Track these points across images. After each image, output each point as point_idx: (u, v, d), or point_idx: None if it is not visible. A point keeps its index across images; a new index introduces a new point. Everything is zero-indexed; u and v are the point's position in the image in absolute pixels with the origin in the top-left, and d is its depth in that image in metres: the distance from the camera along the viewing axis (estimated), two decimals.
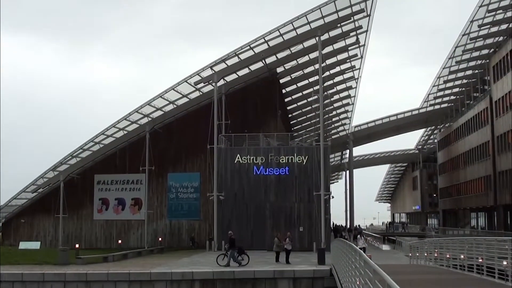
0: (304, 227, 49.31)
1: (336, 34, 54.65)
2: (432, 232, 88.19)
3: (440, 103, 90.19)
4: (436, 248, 34.49)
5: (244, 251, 34.19)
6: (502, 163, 65.27)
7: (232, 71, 55.78)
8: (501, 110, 65.47)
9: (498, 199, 67.26)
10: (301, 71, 62.69)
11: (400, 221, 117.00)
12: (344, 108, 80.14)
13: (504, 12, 59.80)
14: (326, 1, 49.44)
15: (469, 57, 71.34)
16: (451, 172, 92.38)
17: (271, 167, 50.50)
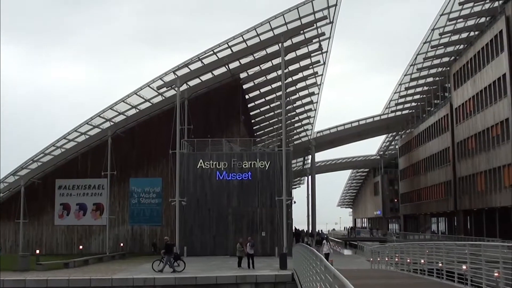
0: (266, 232, 49.43)
1: (299, 40, 54.96)
2: (393, 237, 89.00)
3: (401, 110, 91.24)
4: (397, 253, 34.84)
5: (180, 257, 34.12)
6: (462, 169, 66.25)
7: (195, 76, 55.71)
8: (461, 117, 66.50)
9: (458, 205, 68.22)
10: (264, 77, 62.89)
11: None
12: (307, 114, 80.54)
13: (464, 21, 60.88)
14: (289, 8, 49.74)
15: (430, 64, 72.36)
16: (412, 177, 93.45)
17: (233, 172, 50.53)
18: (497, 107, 54.90)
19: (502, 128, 53.79)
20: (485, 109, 57.93)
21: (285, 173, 47.18)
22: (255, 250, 36.70)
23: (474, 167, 61.96)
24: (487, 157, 57.99)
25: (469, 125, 63.46)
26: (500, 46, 53.49)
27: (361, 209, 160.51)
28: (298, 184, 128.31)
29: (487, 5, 58.36)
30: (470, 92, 62.38)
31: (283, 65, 49.58)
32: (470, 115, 62.86)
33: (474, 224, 64.88)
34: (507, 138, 52.71)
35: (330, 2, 50.28)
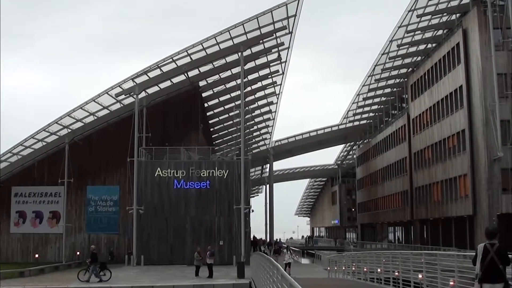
0: (224, 241, 49.27)
1: (258, 50, 55.16)
2: (350, 246, 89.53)
3: (359, 120, 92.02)
4: (354, 262, 35.02)
5: (106, 266, 33.67)
6: (419, 179, 67.03)
7: (154, 83, 55.46)
8: (418, 127, 67.34)
9: (415, 214, 68.99)
10: (223, 85, 62.88)
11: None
12: (265, 123, 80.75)
13: (422, 33, 61.74)
14: (249, 18, 49.85)
15: (388, 75, 73.15)
16: (369, 187, 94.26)
17: (191, 180, 50.28)
18: (453, 118, 55.73)
19: (459, 139, 54.61)
20: (442, 120, 58.75)
21: (243, 182, 47.27)
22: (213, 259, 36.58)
23: (431, 177, 62.75)
24: (443, 167, 58.78)
25: (426, 135, 64.29)
26: (457, 58, 54.36)
27: (318, 218, 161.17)
28: (256, 192, 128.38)
29: (444, 18, 59.30)
30: (427, 103, 63.23)
31: (242, 74, 49.75)
32: (427, 125, 63.69)
33: (431, 233, 65.64)
34: (463, 149, 53.51)
35: (289, 13, 50.53)
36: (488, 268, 11.42)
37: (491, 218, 47.90)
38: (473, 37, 51.20)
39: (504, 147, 47.21)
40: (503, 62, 47.93)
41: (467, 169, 52.54)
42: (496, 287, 11.40)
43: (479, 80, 49.79)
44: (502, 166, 47.93)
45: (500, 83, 48.15)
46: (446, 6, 56.66)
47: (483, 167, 49.33)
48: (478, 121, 50.44)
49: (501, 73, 48.30)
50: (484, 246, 11.55)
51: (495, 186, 48.22)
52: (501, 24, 47.26)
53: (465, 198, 53.01)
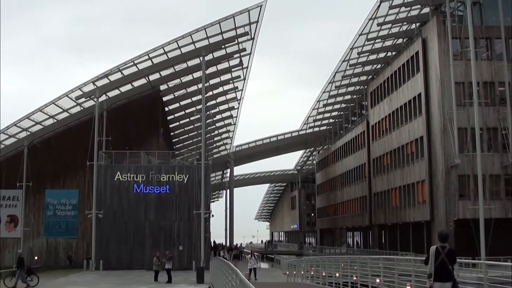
0: (184, 245, 49.15)
1: (220, 55, 55.28)
2: (309, 251, 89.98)
3: (319, 126, 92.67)
4: (312, 266, 35.26)
5: (33, 272, 33.10)
6: (378, 184, 67.72)
7: (114, 86, 55.17)
8: (377, 134, 68.06)
9: (373, 219, 69.66)
10: (185, 89, 62.80)
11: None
12: (226, 128, 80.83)
13: (382, 41, 62.54)
14: (211, 22, 49.95)
15: (348, 82, 73.85)
16: (328, 192, 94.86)
17: (151, 185, 50.04)
18: (412, 126, 56.47)
19: (417, 146, 55.35)
20: (401, 127, 59.48)
21: (203, 187, 47.22)
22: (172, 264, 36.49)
23: (389, 183, 63.46)
24: (401, 174, 59.50)
25: (384, 142, 65.01)
26: (416, 67, 55.13)
27: (278, 222, 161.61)
28: (217, 197, 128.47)
29: (404, 27, 60.15)
30: (386, 110, 63.96)
31: (204, 78, 49.74)
32: (386, 132, 64.41)
33: (389, 238, 66.34)
34: (421, 156, 54.25)
35: (251, 19, 50.79)
36: (439, 268, 12.72)
37: (448, 223, 48.65)
38: (432, 46, 52.01)
39: (461, 154, 47.96)
40: (461, 71, 48.69)
41: (425, 176, 53.28)
42: (446, 285, 12.73)
43: (437, 88, 50.58)
44: (459, 172, 48.71)
45: (458, 91, 48.96)
46: (406, 15, 57.49)
47: (441, 173, 50.09)
48: (436, 129, 51.21)
49: (459, 82, 49.07)
50: (436, 248, 12.79)
51: (452, 192, 48.97)
52: (459, 34, 47.98)
53: (423, 204, 53.73)
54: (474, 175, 46.80)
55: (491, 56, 51.01)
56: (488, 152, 48.38)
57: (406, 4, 54.67)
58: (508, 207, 48.86)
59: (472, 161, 47.24)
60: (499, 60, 50.13)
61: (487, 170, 47.60)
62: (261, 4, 49.92)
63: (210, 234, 52.58)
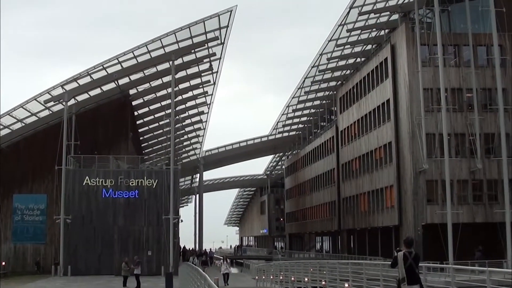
0: (153, 251, 48.82)
1: (190, 59, 55.13)
2: (278, 255, 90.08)
3: (288, 131, 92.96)
4: (281, 271, 35.31)
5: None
6: (346, 189, 68.08)
7: (83, 90, 54.69)
8: (346, 139, 68.44)
9: (342, 224, 69.98)
10: (154, 94, 62.49)
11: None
12: (196, 133, 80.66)
13: (351, 47, 63.00)
14: (181, 27, 49.81)
15: (318, 88, 74.21)
16: (297, 197, 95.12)
17: (120, 190, 49.68)
18: (380, 131, 56.89)
19: (385, 151, 55.76)
20: (369, 132, 59.88)
21: (172, 192, 47.11)
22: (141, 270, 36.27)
23: (358, 188, 63.82)
24: (370, 179, 59.88)
25: (353, 147, 65.39)
26: (385, 73, 55.57)
27: (247, 227, 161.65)
28: (186, 202, 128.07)
29: (373, 33, 60.69)
30: (355, 116, 64.36)
31: (173, 83, 49.65)
32: (355, 138, 64.79)
33: (357, 243, 66.71)
34: (389, 161, 54.66)
35: (221, 24, 50.78)
36: (408, 272, 13.89)
37: (416, 228, 49.07)
38: (401, 52, 52.48)
39: (429, 159, 48.46)
40: (429, 78, 49.32)
41: (393, 181, 53.68)
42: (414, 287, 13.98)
43: (406, 94, 51.03)
44: (427, 178, 49.17)
45: (426, 97, 49.50)
46: (376, 22, 58.02)
47: (409, 178, 50.51)
48: (404, 134, 51.65)
49: (427, 88, 49.68)
50: (404, 253, 13.92)
51: (420, 197, 49.40)
52: (428, 41, 48.60)
53: (391, 209, 54.13)
54: (442, 180, 47.39)
55: (459, 63, 51.65)
56: (456, 158, 49.00)
57: (375, 11, 55.15)
58: (475, 212, 49.47)
59: (440, 167, 47.83)
60: (466, 67, 50.77)
61: (455, 175, 48.22)
62: (231, 9, 49.97)
63: (179, 239, 52.40)
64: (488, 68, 50.70)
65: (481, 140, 49.47)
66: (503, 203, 44.77)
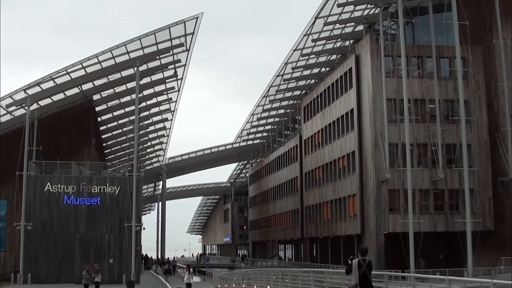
0: (114, 258, 48.29)
1: (154, 65, 54.89)
2: (241, 264, 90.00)
3: (253, 139, 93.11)
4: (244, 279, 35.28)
5: None
6: (309, 198, 68.28)
7: (46, 95, 54.02)
8: (309, 148, 68.70)
9: (305, 232, 70.14)
10: (118, 100, 62.00)
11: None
12: (159, 140, 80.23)
13: (316, 57, 63.38)
14: (147, 33, 49.57)
15: (282, 97, 74.52)
16: (261, 205, 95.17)
17: (82, 196, 49.04)
18: (344, 140, 57.21)
19: (348, 160, 56.07)
20: (333, 141, 60.18)
21: (135, 199, 46.71)
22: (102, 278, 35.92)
23: (321, 197, 64.05)
24: (333, 188, 60.13)
25: (317, 156, 65.65)
26: (349, 83, 55.94)
27: (210, 235, 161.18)
28: (149, 210, 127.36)
29: (338, 43, 61.21)
30: (319, 125, 64.65)
31: (138, 89, 49.34)
32: (319, 146, 65.06)
33: (320, 251, 66.95)
34: (352, 170, 54.97)
35: (187, 30, 50.66)
36: (362, 279, 14.87)
37: (378, 237, 49.42)
38: (365, 63, 52.91)
39: (391, 169, 48.90)
40: (393, 88, 49.84)
41: (356, 190, 53.99)
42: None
43: (369, 104, 51.43)
44: (390, 187, 49.55)
45: (389, 107, 49.98)
46: (341, 32, 58.53)
47: (372, 187, 50.86)
48: (367, 144, 52.01)
49: (391, 98, 50.19)
50: (358, 261, 14.89)
51: (383, 206, 49.75)
52: (392, 52, 49.18)
53: (354, 218, 54.42)
54: (404, 190, 47.88)
55: (422, 74, 52.26)
56: (418, 168, 49.52)
57: (340, 21, 55.63)
58: (437, 221, 50.01)
59: (402, 176, 48.31)
60: (429, 78, 51.37)
61: (417, 185, 48.74)
62: (197, 16, 49.89)
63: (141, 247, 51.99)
64: (451, 80, 51.43)
65: (443, 150, 50.08)
66: (464, 213, 45.40)
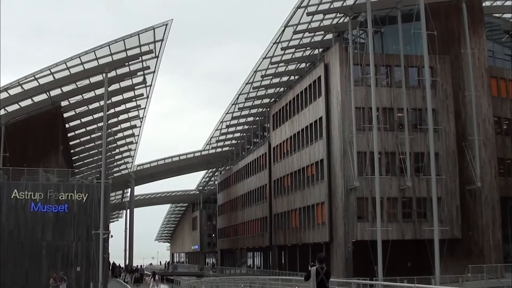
0: (82, 266, 47.88)
1: (123, 72, 54.58)
2: (210, 272, 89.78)
3: (222, 147, 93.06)
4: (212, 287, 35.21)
5: None
6: (278, 205, 68.39)
7: (14, 101, 53.36)
8: (278, 156, 68.85)
9: (273, 240, 70.20)
10: (86, 106, 61.53)
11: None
12: (128, 147, 79.75)
13: (285, 65, 63.65)
14: (116, 39, 49.30)
15: (252, 104, 74.64)
16: (230, 213, 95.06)
17: (49, 204, 48.51)
18: (312, 148, 57.44)
19: (317, 168, 56.28)
20: (302, 149, 60.38)
21: (103, 206, 46.42)
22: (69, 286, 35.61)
23: (290, 205, 64.16)
24: (302, 195, 60.29)
25: (286, 164, 65.79)
26: (318, 91, 56.19)
27: (179, 243, 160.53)
28: (117, 217, 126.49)
29: (308, 52, 61.50)
30: (288, 133, 64.83)
31: (106, 95, 49.10)
32: (287, 154, 65.23)
33: (289, 259, 67.04)
34: (321, 178, 55.17)
35: (156, 37, 50.47)
36: (319, 286, 15.64)
37: (347, 244, 49.66)
38: (334, 71, 53.22)
39: (360, 177, 49.23)
40: (362, 97, 50.22)
41: (324, 197, 54.19)
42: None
43: (338, 112, 51.72)
44: (358, 195, 49.86)
45: (358, 116, 50.37)
46: (310, 40, 58.85)
47: (340, 195, 51.10)
48: (336, 152, 52.27)
49: (359, 107, 50.58)
50: (316, 269, 15.60)
51: (351, 214, 50.01)
52: (361, 60, 49.58)
53: (322, 225, 54.60)
54: (372, 198, 48.19)
55: (391, 83, 52.70)
56: (386, 176, 49.92)
57: (309, 30, 55.95)
58: (405, 229, 50.40)
59: (370, 184, 48.66)
60: (398, 87, 51.87)
61: (385, 193, 49.11)
62: (167, 23, 49.73)
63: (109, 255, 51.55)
64: (419, 89, 51.95)
65: (411, 158, 50.52)
66: (431, 221, 45.76)
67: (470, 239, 51.49)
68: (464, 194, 52.10)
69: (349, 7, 52.27)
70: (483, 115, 53.23)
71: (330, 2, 51.54)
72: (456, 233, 51.03)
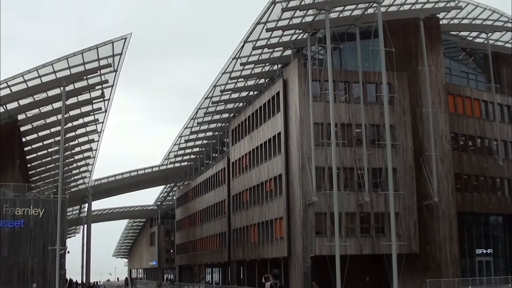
0: (38, 283, 47.17)
1: (81, 86, 54.13)
2: None
3: (180, 161, 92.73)
4: None
5: None
6: (237, 221, 68.25)
7: None
8: (237, 171, 68.80)
9: (232, 255, 69.97)
10: (43, 120, 60.80)
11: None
12: (85, 161, 78.99)
13: (245, 81, 63.86)
14: (74, 52, 48.92)
15: (211, 119, 74.62)
16: (188, 228, 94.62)
17: (5, 219, 47.75)
18: (271, 163, 57.53)
19: (276, 183, 56.34)
20: (260, 164, 60.45)
21: (59, 222, 45.88)
22: None
23: (248, 220, 64.08)
24: (260, 210, 60.27)
25: (244, 179, 65.77)
26: (277, 107, 56.36)
27: (137, 259, 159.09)
28: (74, 233, 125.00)
29: (267, 67, 61.84)
30: (247, 148, 64.86)
31: (64, 109, 48.64)
32: (246, 169, 65.23)
33: (247, 274, 66.89)
34: (279, 193, 55.24)
35: (115, 51, 50.23)
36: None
37: (305, 259, 49.72)
38: (292, 87, 53.48)
39: (318, 192, 49.41)
40: (320, 112, 50.55)
41: (283, 213, 54.23)
42: None
43: (296, 128, 51.93)
44: (316, 210, 49.98)
45: (316, 131, 50.64)
46: (269, 56, 59.21)
47: (298, 210, 51.19)
48: (294, 167, 52.43)
49: (318, 122, 50.87)
50: (271, 284, 15.54)
51: (309, 229, 50.12)
52: (319, 76, 49.97)
53: (281, 240, 54.61)
54: (330, 213, 48.41)
55: (349, 99, 53.12)
56: (344, 191, 50.16)
57: (268, 46, 56.28)
58: (363, 244, 50.68)
59: (329, 199, 48.88)
60: (356, 103, 52.30)
61: (343, 208, 49.29)
62: (126, 37, 49.55)
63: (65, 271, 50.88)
64: (377, 105, 52.49)
65: (369, 174, 50.97)
66: (389, 236, 46.05)
67: (428, 254, 52.05)
68: (422, 209, 52.67)
69: (308, 24, 52.69)
70: (440, 131, 54.07)
71: (289, 19, 51.92)
72: (414, 248, 51.48)
